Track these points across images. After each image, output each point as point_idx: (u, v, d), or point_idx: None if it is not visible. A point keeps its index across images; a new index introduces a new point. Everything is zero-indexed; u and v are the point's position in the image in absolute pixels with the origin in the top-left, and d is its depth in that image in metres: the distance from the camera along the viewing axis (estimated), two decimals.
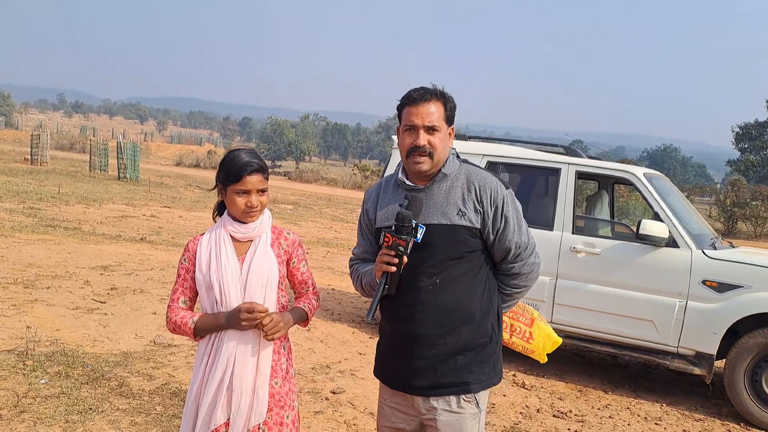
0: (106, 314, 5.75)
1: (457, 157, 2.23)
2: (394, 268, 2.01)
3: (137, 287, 6.86)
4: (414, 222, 2.02)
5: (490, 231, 2.14)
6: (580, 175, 5.63)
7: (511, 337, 2.34)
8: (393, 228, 2.01)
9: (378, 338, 2.36)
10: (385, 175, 6.29)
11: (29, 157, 24.38)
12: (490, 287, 2.20)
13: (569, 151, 5.89)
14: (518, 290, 2.27)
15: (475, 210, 2.12)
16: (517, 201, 2.22)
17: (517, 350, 2.37)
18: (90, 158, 23.87)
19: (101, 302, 6.13)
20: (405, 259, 2.01)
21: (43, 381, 4.07)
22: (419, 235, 2.06)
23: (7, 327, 5.04)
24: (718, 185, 46.46)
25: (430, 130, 2.09)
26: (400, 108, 2.15)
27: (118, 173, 21.95)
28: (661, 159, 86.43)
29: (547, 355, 2.57)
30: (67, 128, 71.14)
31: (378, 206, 2.25)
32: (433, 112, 2.09)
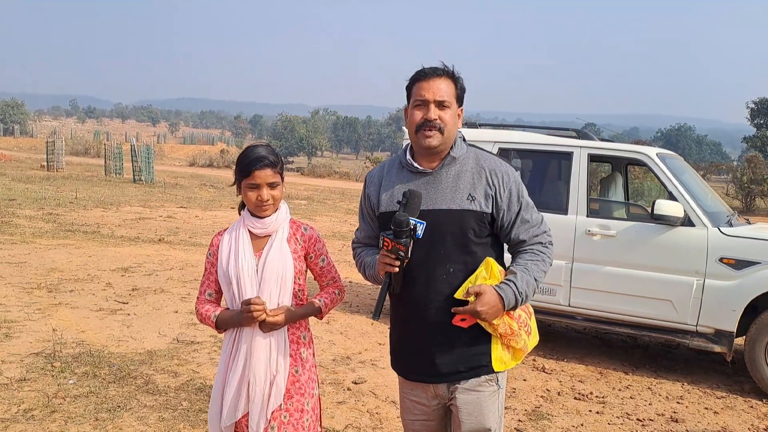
0: (129, 315, 5.85)
1: (464, 140, 2.19)
2: (396, 269, 2.00)
3: (158, 287, 6.97)
4: (413, 221, 2.00)
5: (505, 215, 2.10)
6: (593, 158, 5.62)
7: (519, 330, 2.10)
8: (392, 233, 1.98)
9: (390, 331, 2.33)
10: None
11: (45, 163, 24.68)
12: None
13: (581, 134, 5.88)
14: (540, 253, 2.14)
15: (486, 195, 2.08)
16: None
17: (519, 348, 2.14)
18: (105, 162, 24.08)
19: (123, 303, 6.24)
20: (407, 260, 2.01)
21: (71, 381, 4.17)
22: (420, 232, 2.02)
23: (34, 330, 5.15)
24: (735, 163, 45.82)
25: (441, 105, 2.05)
26: (410, 85, 2.11)
27: (134, 176, 22.16)
28: (675, 138, 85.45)
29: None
30: (81, 134, 71.70)
31: (381, 189, 2.20)
32: (444, 88, 2.06)
